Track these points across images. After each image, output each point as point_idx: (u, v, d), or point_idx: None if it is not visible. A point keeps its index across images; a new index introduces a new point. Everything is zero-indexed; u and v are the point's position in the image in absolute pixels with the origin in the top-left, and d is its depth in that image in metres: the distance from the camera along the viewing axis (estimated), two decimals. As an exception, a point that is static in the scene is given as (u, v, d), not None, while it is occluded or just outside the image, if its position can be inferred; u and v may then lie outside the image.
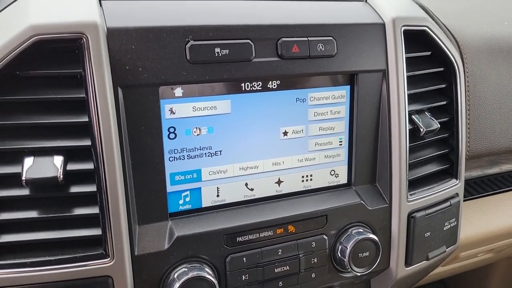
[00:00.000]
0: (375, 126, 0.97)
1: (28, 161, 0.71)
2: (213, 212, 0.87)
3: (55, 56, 0.72)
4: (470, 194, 1.38)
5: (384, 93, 0.95)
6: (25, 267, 0.72)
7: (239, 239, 0.85)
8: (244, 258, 0.85)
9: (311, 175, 0.95)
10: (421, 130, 0.98)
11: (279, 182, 0.92)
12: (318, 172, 0.95)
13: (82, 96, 0.72)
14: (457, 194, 1.08)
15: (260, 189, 0.91)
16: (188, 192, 0.85)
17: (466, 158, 1.13)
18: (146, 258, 0.79)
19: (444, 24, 1.16)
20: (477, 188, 1.41)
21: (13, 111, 0.71)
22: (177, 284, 0.78)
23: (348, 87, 0.93)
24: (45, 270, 0.73)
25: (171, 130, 0.81)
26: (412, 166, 1.00)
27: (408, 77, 0.95)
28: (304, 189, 0.95)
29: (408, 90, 0.96)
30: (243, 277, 0.86)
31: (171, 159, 0.82)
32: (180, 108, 0.81)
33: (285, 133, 0.90)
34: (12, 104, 0.72)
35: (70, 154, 0.74)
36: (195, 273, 0.79)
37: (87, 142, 0.73)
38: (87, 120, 0.72)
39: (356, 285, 1.09)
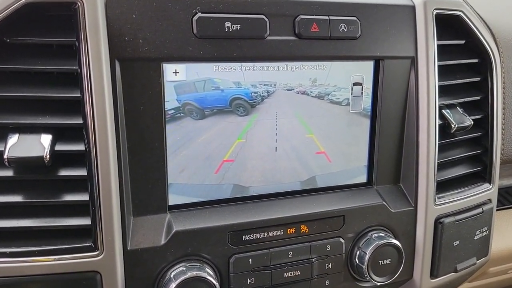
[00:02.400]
0: (401, 119, 0.87)
1: (13, 138, 0.64)
2: (217, 207, 0.78)
3: (48, 23, 0.65)
4: (501, 204, 1.26)
5: (412, 83, 0.86)
6: (4, 257, 0.65)
7: (245, 237, 0.76)
8: (250, 260, 0.76)
9: (328, 171, 0.86)
10: (452, 126, 0.88)
11: (292, 177, 0.83)
12: (336, 168, 0.86)
13: (74, 68, 0.65)
14: (490, 200, 0.97)
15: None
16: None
17: (500, 161, 1.03)
18: (140, 253, 0.70)
19: (478, 14, 1.06)
20: (509, 198, 1.29)
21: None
22: (173, 285, 0.69)
23: (372, 75, 0.84)
24: (26, 261, 0.65)
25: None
26: (441, 166, 0.90)
27: (439, 66, 0.86)
28: (321, 186, 0.85)
29: (439, 81, 0.86)
30: (248, 281, 0.76)
31: (173, 144, 0.74)
32: (184, 88, 0.73)
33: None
34: (-2, 74, 0.65)
35: (59, 133, 0.67)
36: (194, 273, 0.70)
37: (79, 120, 0.66)
38: (79, 95, 0.65)
39: (374, 297, 0.99)
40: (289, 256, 0.79)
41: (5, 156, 0.63)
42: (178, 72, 0.71)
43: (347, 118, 0.84)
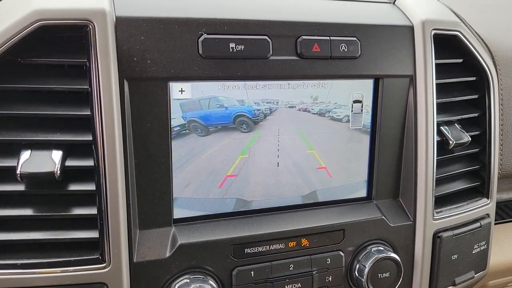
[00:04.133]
0: (400, 136, 0.90)
1: (25, 154, 0.67)
2: (221, 220, 0.80)
3: (59, 44, 0.68)
4: (500, 217, 1.28)
5: (410, 100, 0.88)
6: (16, 268, 0.67)
7: (248, 250, 0.78)
8: (252, 272, 0.78)
9: (328, 186, 0.88)
10: (450, 142, 0.90)
11: (293, 191, 0.85)
12: (336, 183, 0.88)
13: (85, 87, 0.67)
14: (488, 215, 0.99)
15: (273, 198, 0.84)
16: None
17: (498, 176, 1.04)
18: (146, 266, 0.73)
19: (476, 32, 1.09)
20: (508, 212, 1.31)
21: (12, 100, 0.67)
22: (177, 297, 0.72)
23: (371, 93, 0.87)
24: (36, 273, 0.68)
25: (180, 129, 0.76)
26: (439, 182, 0.92)
27: (437, 85, 0.88)
28: (321, 200, 0.88)
29: (437, 98, 0.89)
30: (250, 293, 0.79)
31: (178, 160, 0.77)
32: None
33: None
34: (12, 93, 0.68)
35: (69, 150, 0.69)
36: (197, 285, 0.73)
37: (88, 137, 0.68)
38: (89, 113, 0.68)
39: (374, 310, 1.00)
40: (290, 269, 0.81)
41: (18, 172, 0.65)
42: (184, 91, 0.74)
43: (347, 135, 0.86)
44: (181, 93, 0.74)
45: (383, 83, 0.86)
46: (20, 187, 0.68)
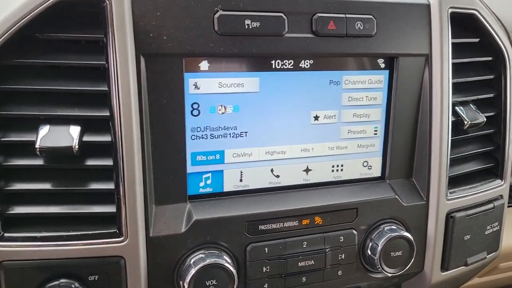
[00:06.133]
0: (415, 116, 0.89)
1: (44, 129, 0.68)
2: (235, 197, 0.81)
3: (77, 19, 0.68)
4: (512, 200, 1.27)
5: (426, 80, 0.88)
6: (35, 241, 0.69)
7: (262, 227, 0.79)
8: (266, 248, 0.79)
9: (342, 165, 0.88)
10: (465, 122, 0.90)
11: (307, 170, 0.86)
12: (350, 162, 0.88)
13: (102, 63, 0.68)
14: (501, 196, 0.99)
15: (287, 177, 0.84)
16: (209, 175, 0.80)
17: (512, 158, 1.04)
18: (162, 240, 0.74)
19: (493, 12, 1.07)
20: (520, 195, 1.30)
21: (31, 76, 0.68)
22: (193, 271, 0.73)
23: (387, 71, 0.86)
24: (55, 245, 0.69)
25: (195, 106, 0.76)
26: (453, 162, 0.92)
27: (453, 64, 0.88)
28: (334, 179, 0.88)
29: (452, 78, 0.88)
30: (264, 269, 0.79)
31: (193, 137, 0.77)
32: (205, 83, 0.76)
33: (316, 118, 0.84)
34: (31, 68, 0.68)
35: (87, 125, 0.70)
36: (212, 260, 0.74)
37: (105, 113, 0.69)
38: (106, 88, 0.68)
39: (385, 289, 1.01)
40: (304, 246, 0.81)
41: (37, 146, 0.66)
42: (198, 87, 0.75)
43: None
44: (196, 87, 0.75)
45: (398, 62, 0.85)
46: (39, 162, 0.69)
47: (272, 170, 0.83)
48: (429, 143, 0.89)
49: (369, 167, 0.90)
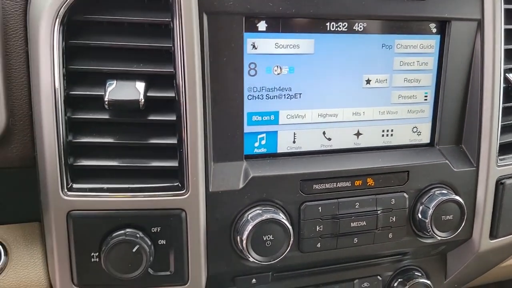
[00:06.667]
0: (465, 82, 0.89)
1: (111, 84, 0.70)
2: (288, 158, 0.82)
3: (143, -21, 0.71)
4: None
5: (477, 46, 0.88)
6: (102, 192, 0.71)
7: (316, 186, 0.80)
8: (320, 208, 0.81)
9: (392, 130, 0.89)
10: (517, 89, 0.90)
11: (358, 134, 0.87)
12: (400, 127, 0.89)
13: (167, 19, 0.70)
14: (552, 165, 0.98)
15: (338, 140, 0.86)
16: (264, 135, 0.82)
17: None
18: (220, 195, 0.76)
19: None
20: None
21: (99, 32, 0.70)
22: (250, 225, 0.74)
23: (439, 36, 0.87)
24: (121, 197, 0.72)
25: (252, 66, 0.78)
26: (504, 129, 0.92)
27: (505, 30, 0.87)
28: (384, 144, 0.89)
29: (505, 45, 0.88)
30: (318, 228, 0.81)
31: (249, 97, 0.79)
32: (262, 44, 0.77)
33: (368, 81, 0.84)
34: (99, 25, 0.71)
35: (151, 82, 0.72)
36: (269, 215, 0.75)
37: (170, 69, 0.71)
38: (171, 45, 0.70)
39: (431, 259, 1.01)
40: (356, 207, 0.83)
41: (106, 99, 0.69)
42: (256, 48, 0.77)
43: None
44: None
45: (450, 27, 0.85)
46: (106, 115, 0.71)
47: (324, 133, 0.85)
48: (480, 110, 0.89)
49: (419, 133, 0.90)
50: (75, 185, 0.71)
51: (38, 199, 0.75)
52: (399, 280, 0.97)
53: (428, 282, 0.96)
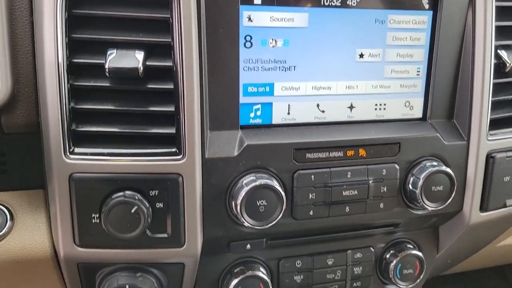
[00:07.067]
0: (457, 58, 0.92)
1: (112, 52, 0.73)
2: (283, 128, 0.85)
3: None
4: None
5: (469, 22, 0.90)
6: (104, 156, 0.75)
7: (309, 155, 0.83)
8: (313, 176, 0.83)
9: (384, 104, 0.91)
10: (507, 65, 0.92)
11: (351, 107, 0.89)
12: (392, 102, 0.92)
13: (165, -10, 0.73)
14: (542, 141, 1.00)
15: (332, 112, 0.88)
16: (259, 106, 0.84)
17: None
18: (216, 162, 0.79)
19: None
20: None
21: (100, 2, 0.73)
22: (245, 191, 0.77)
23: (431, 12, 0.89)
24: (120, 161, 0.75)
25: (248, 38, 0.80)
26: (495, 105, 0.94)
27: (496, 7, 0.89)
28: (377, 118, 0.91)
29: (496, 21, 0.90)
30: (310, 196, 0.84)
31: (245, 68, 0.82)
32: (258, 16, 0.80)
33: (361, 56, 0.87)
34: (100, -5, 0.74)
35: (150, 51, 0.75)
36: (263, 181, 0.78)
37: (167, 39, 0.74)
38: (168, 15, 0.73)
39: (424, 232, 1.04)
40: (348, 176, 0.85)
41: (106, 67, 0.72)
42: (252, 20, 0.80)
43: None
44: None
45: (442, 3, 0.87)
46: (107, 83, 0.74)
47: (318, 105, 0.87)
48: (471, 85, 0.91)
49: (411, 108, 0.93)
50: (77, 149, 0.75)
51: (42, 166, 0.78)
52: (391, 252, 1.00)
53: (420, 254, 0.99)
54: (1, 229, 0.82)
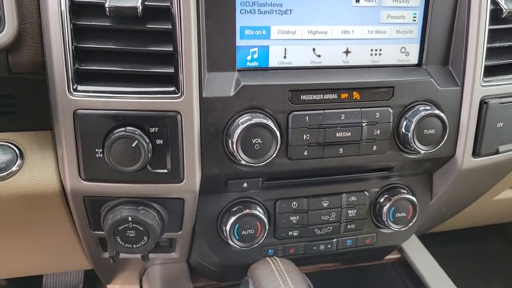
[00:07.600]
0: (454, 4, 0.92)
1: (111, -8, 0.76)
2: (279, 71, 0.88)
3: None
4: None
5: (466, -34, 0.90)
6: (105, 93, 0.78)
7: (303, 97, 0.86)
8: (307, 117, 0.86)
9: (380, 50, 0.93)
10: (504, 10, 0.92)
11: (347, 52, 0.91)
12: (388, 47, 0.93)
13: None
14: (537, 88, 1.01)
15: (327, 57, 0.90)
16: (256, 49, 0.87)
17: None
18: (213, 101, 0.82)
19: None
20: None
21: None
22: (240, 129, 0.81)
23: (428, -43, 0.89)
24: (122, 98, 0.78)
25: (244, -20, 0.82)
26: (490, 52, 0.94)
27: (494, -49, 0.90)
28: (372, 63, 0.93)
29: (493, -34, 0.90)
30: (305, 137, 0.87)
31: (242, 11, 0.84)
32: (254, -41, 0.82)
33: (358, 0, 0.88)
34: None
35: (148, -8, 0.78)
36: (258, 120, 0.81)
37: (165, -22, 0.76)
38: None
39: (418, 179, 1.07)
40: (342, 118, 0.88)
41: (106, 6, 0.74)
42: None
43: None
44: None
45: None
46: (107, 22, 0.77)
47: (314, 50, 0.89)
48: (466, 31, 0.92)
49: (407, 54, 0.94)
50: (80, 87, 0.78)
51: (49, 106, 0.82)
52: (385, 196, 1.03)
53: (413, 198, 1.03)
54: (11, 166, 0.87)
